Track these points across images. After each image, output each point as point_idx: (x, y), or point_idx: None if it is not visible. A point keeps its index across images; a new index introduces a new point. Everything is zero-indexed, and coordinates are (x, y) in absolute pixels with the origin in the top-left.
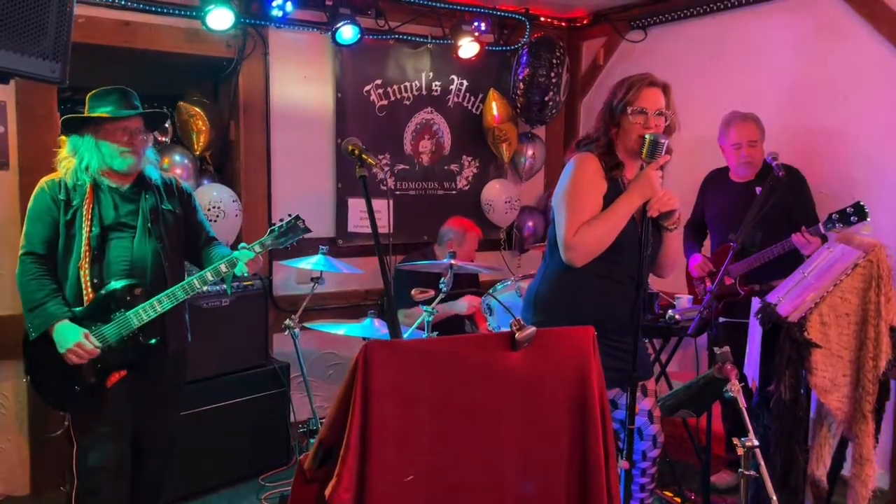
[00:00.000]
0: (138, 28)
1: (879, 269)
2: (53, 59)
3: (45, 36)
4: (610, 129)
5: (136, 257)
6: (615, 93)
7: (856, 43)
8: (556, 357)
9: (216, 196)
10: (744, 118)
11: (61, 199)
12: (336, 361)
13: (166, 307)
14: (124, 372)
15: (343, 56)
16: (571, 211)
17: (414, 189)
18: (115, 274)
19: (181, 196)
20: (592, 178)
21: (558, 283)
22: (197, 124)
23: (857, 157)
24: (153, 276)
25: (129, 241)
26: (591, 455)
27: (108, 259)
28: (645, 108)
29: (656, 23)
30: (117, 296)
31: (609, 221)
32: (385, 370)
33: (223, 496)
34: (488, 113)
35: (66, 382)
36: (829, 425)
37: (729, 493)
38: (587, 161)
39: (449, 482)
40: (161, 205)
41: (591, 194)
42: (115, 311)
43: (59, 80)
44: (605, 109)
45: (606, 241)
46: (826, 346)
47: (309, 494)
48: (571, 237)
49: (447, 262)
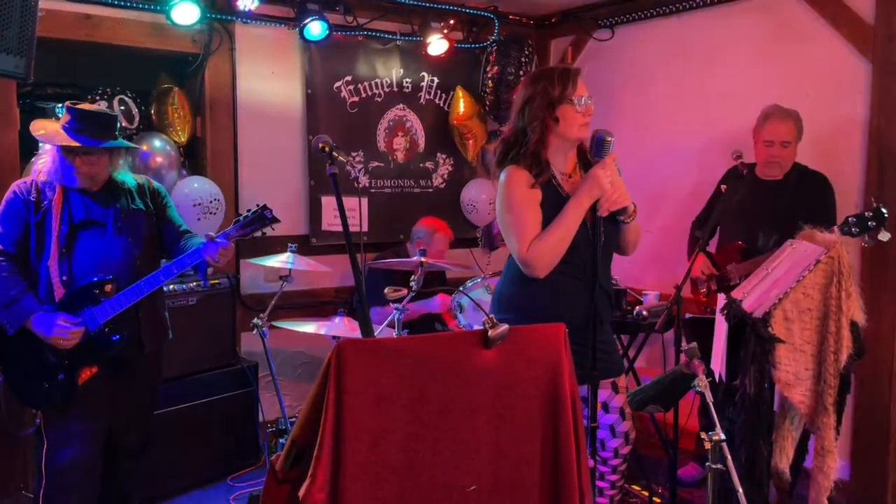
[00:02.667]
0: (101, 22)
1: (840, 265)
2: (17, 54)
3: (8, 30)
4: (549, 124)
5: (106, 255)
6: (545, 88)
7: (817, 44)
8: (528, 354)
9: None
10: (784, 116)
11: (31, 199)
12: (305, 360)
13: (132, 300)
14: (95, 368)
15: (312, 52)
16: (516, 229)
17: (389, 187)
18: (86, 271)
19: (153, 196)
20: (524, 192)
21: (520, 283)
22: (179, 112)
23: (817, 157)
24: (124, 273)
25: (100, 238)
26: (562, 451)
27: (77, 257)
28: (583, 96)
29: (623, 22)
30: (86, 292)
31: (560, 230)
32: (358, 369)
33: (192, 497)
34: (454, 109)
35: (37, 380)
36: (791, 418)
37: (696, 487)
38: (515, 176)
39: (423, 480)
40: (131, 204)
41: (528, 208)
42: (83, 307)
43: (23, 76)
44: (541, 105)
45: (561, 249)
46: (789, 340)
47: (281, 495)
48: (526, 253)
49: (417, 259)
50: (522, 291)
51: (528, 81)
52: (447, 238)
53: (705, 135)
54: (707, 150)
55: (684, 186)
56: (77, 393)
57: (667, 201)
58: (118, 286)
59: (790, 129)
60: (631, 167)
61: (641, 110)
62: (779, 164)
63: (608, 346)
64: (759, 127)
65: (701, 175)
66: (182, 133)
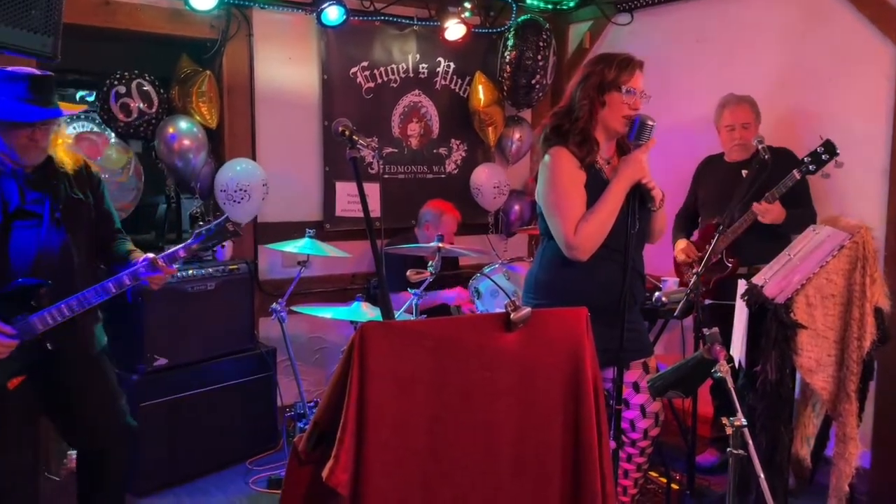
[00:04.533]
0: (119, 7)
1: (865, 250)
2: (45, 32)
3: (35, 9)
4: (596, 106)
5: (42, 250)
6: (602, 70)
7: (840, 26)
8: (550, 338)
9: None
10: (738, 100)
11: None
12: (322, 345)
13: (76, 312)
14: (23, 377)
15: (329, 37)
16: (563, 211)
17: (402, 173)
18: (20, 268)
19: (91, 182)
20: (571, 173)
21: (558, 267)
22: (207, 96)
23: (842, 140)
24: (61, 272)
25: (35, 231)
26: (584, 435)
27: (11, 253)
28: (635, 89)
29: (643, 6)
30: (19, 297)
31: (604, 212)
32: (381, 351)
33: (211, 481)
34: (474, 96)
35: None
36: (813, 405)
37: (714, 473)
38: (562, 156)
39: (444, 461)
40: (71, 192)
41: (575, 190)
42: (15, 314)
43: (50, 55)
44: (593, 85)
45: (605, 232)
46: (812, 326)
47: (303, 476)
48: (573, 237)
49: (435, 244)
50: (560, 276)
51: (590, 61)
52: (455, 219)
53: None
54: None
55: None
56: (6, 398)
57: (684, 187)
58: (55, 291)
59: (747, 112)
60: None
61: (660, 96)
62: (742, 146)
63: (639, 327)
64: (719, 115)
65: None
66: (210, 117)
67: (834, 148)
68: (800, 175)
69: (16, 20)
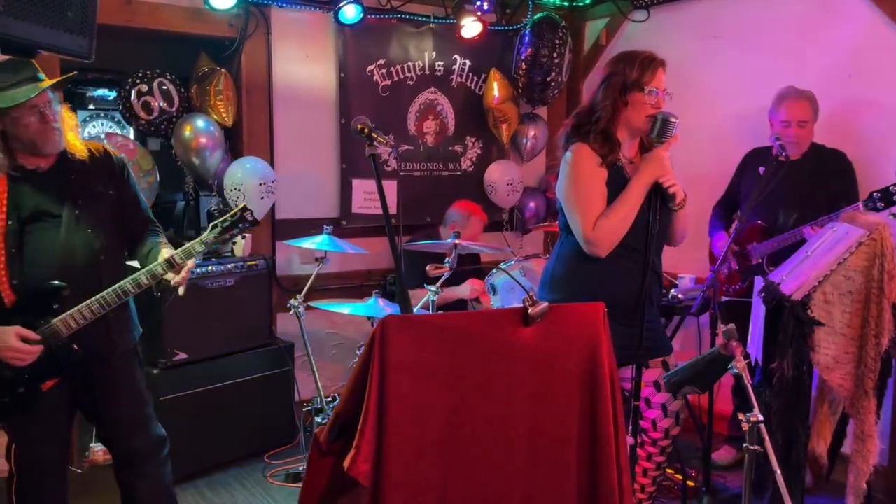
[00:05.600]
0: (140, 7)
1: (883, 247)
2: (80, 33)
3: (70, 10)
4: (619, 106)
5: (63, 251)
6: (625, 69)
7: (858, 22)
8: (567, 333)
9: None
10: (798, 96)
11: None
12: (339, 341)
13: (98, 314)
14: (57, 380)
15: (346, 35)
16: (582, 207)
17: (418, 170)
18: (41, 272)
19: (112, 170)
20: (592, 169)
21: (574, 263)
22: (224, 95)
23: (860, 136)
24: (86, 271)
25: (55, 232)
26: (600, 428)
27: (30, 256)
28: (658, 88)
29: (660, 2)
30: (41, 300)
31: (624, 208)
32: (401, 344)
33: (229, 474)
34: (489, 93)
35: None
36: (830, 402)
37: (729, 470)
38: (583, 153)
39: (463, 453)
40: (89, 186)
41: (595, 186)
42: (39, 319)
43: (86, 55)
44: (615, 86)
45: (625, 228)
46: (829, 323)
47: (325, 467)
48: (592, 232)
49: (452, 241)
50: (577, 272)
51: (612, 61)
52: (482, 221)
53: (742, 116)
54: (744, 132)
55: (719, 168)
56: (40, 399)
57: (703, 184)
58: (82, 291)
59: (806, 109)
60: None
61: (677, 92)
62: (797, 145)
63: (656, 325)
64: (776, 108)
65: (737, 157)
66: (227, 115)
67: None
68: (864, 210)
69: (53, 21)
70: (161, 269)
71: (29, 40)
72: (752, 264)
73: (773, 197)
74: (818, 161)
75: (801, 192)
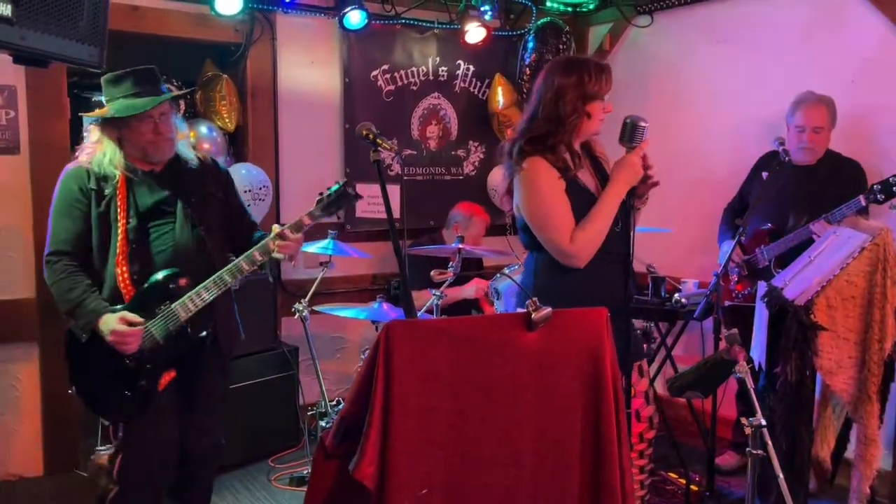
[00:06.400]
0: (147, 13)
1: (886, 252)
2: (91, 43)
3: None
4: (581, 119)
5: (178, 247)
6: (583, 79)
7: (862, 27)
8: (570, 337)
9: None
10: (816, 101)
11: (91, 188)
12: (343, 345)
13: (213, 294)
14: (174, 373)
15: (350, 41)
16: (554, 222)
17: (421, 174)
18: (158, 267)
19: (219, 176)
20: (554, 182)
21: (552, 274)
22: (227, 100)
23: (864, 141)
24: (198, 265)
25: (171, 229)
26: (603, 432)
27: (148, 252)
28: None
29: (663, 7)
30: (160, 287)
31: (601, 219)
32: (406, 348)
33: (234, 477)
34: (493, 98)
35: (114, 389)
36: (833, 407)
37: (733, 475)
38: (541, 168)
39: (467, 456)
40: (201, 187)
41: (560, 199)
42: (158, 305)
43: (97, 65)
44: (577, 96)
45: (602, 238)
46: (832, 328)
47: (330, 470)
48: (570, 245)
49: (456, 246)
50: (554, 282)
51: (559, 69)
52: (484, 222)
53: (745, 121)
54: (747, 137)
55: (722, 173)
56: (156, 399)
57: (704, 188)
58: (194, 279)
59: (823, 115)
60: (669, 154)
61: (681, 96)
62: (812, 150)
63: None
64: (792, 113)
65: (740, 162)
66: (230, 121)
67: None
68: (865, 202)
69: (64, 31)
70: (272, 244)
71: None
72: (760, 268)
73: (785, 200)
74: (832, 168)
75: (813, 197)
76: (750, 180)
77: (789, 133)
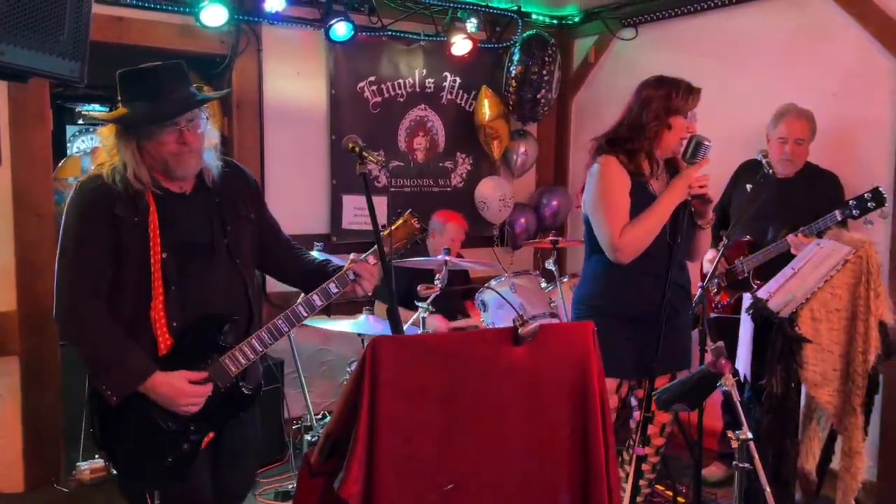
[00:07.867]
0: (131, 24)
1: (868, 265)
2: (72, 58)
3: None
4: (663, 129)
5: (218, 287)
6: (670, 94)
7: (843, 42)
8: (558, 352)
9: None
10: (798, 115)
11: (117, 213)
12: (329, 358)
13: (269, 344)
14: (213, 434)
15: (337, 53)
16: (610, 215)
17: (409, 186)
18: (197, 310)
19: (248, 189)
20: (619, 179)
21: (600, 281)
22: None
23: (845, 155)
24: (239, 305)
25: (206, 264)
26: (591, 446)
27: (186, 292)
28: (694, 113)
29: (648, 21)
30: (203, 337)
31: (651, 219)
32: (392, 364)
33: None
34: (480, 110)
35: (156, 455)
36: (818, 419)
37: (719, 486)
38: (611, 165)
39: (454, 473)
40: (236, 209)
41: (621, 195)
42: (204, 359)
43: (77, 80)
44: (661, 108)
45: (650, 239)
46: (817, 341)
47: (315, 487)
48: (618, 239)
49: (443, 258)
50: (601, 288)
51: (652, 84)
52: (460, 228)
53: (729, 134)
54: (731, 150)
55: None
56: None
57: None
58: (239, 330)
59: (804, 128)
60: None
61: None
62: (791, 162)
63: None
64: (775, 124)
65: (723, 175)
66: None
67: (882, 196)
68: (841, 217)
69: (45, 46)
70: (335, 288)
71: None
72: (739, 279)
73: (763, 212)
74: (811, 180)
75: (792, 209)
76: (730, 188)
77: (770, 144)
